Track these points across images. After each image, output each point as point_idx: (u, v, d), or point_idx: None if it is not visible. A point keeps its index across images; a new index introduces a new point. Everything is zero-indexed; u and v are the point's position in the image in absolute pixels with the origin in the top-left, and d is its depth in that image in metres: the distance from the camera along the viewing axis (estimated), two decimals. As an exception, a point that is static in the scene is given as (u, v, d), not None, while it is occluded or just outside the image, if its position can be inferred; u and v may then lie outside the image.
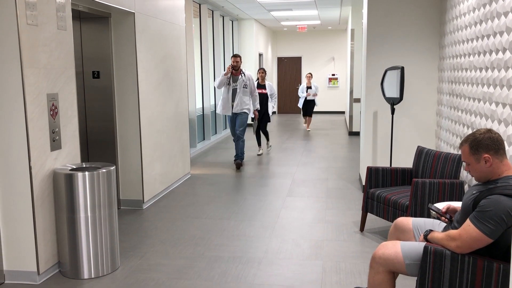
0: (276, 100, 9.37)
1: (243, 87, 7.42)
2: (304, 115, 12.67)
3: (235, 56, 7.40)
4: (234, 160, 7.57)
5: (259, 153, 8.68)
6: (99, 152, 5.13)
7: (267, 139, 9.10)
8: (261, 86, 8.57)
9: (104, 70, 4.99)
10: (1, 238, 3.39)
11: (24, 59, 3.19)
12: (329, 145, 9.75)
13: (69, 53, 3.74)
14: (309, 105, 12.37)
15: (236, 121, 7.51)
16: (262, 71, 8.72)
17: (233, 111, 7.47)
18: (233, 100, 7.42)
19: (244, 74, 7.44)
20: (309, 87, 12.34)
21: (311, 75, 12.59)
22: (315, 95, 12.36)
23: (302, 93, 12.42)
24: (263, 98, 8.49)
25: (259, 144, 8.76)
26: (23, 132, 3.25)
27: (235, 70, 7.35)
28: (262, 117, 8.52)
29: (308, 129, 12.22)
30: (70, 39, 3.74)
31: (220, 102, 7.52)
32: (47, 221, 3.48)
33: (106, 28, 4.93)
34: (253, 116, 8.01)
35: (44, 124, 3.43)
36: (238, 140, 7.52)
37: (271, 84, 9.00)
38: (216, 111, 7.41)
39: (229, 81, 7.37)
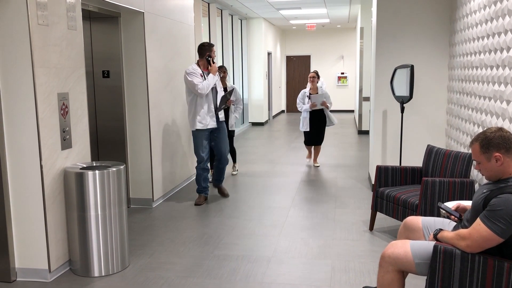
0: (241, 108, 6.60)
1: (221, 88, 5.52)
2: (308, 144, 7.49)
3: (212, 45, 5.29)
4: (216, 185, 5.77)
5: (234, 172, 6.97)
6: (109, 151, 5.16)
7: (234, 161, 7.04)
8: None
9: (114, 69, 5.02)
10: (13, 236, 3.42)
11: (35, 58, 3.22)
12: (338, 144, 9.73)
13: (79, 52, 3.76)
14: (318, 124, 7.29)
15: (218, 137, 5.42)
16: (223, 71, 6.30)
17: (219, 121, 5.39)
18: (216, 106, 5.34)
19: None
20: (312, 95, 7.17)
21: (317, 75, 7.33)
22: (324, 104, 7.14)
23: (302, 104, 7.27)
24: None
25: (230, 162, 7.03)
26: (34, 131, 3.28)
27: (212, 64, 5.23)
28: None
29: (316, 164, 7.48)
30: (80, 38, 3.77)
31: (196, 113, 5.17)
32: (58, 220, 3.52)
33: (115, 27, 4.96)
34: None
35: (55, 123, 3.46)
36: (221, 163, 5.61)
37: (235, 87, 6.50)
38: (194, 128, 5.22)
39: (204, 79, 5.15)
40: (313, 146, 7.51)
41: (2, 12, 3.18)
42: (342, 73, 17.11)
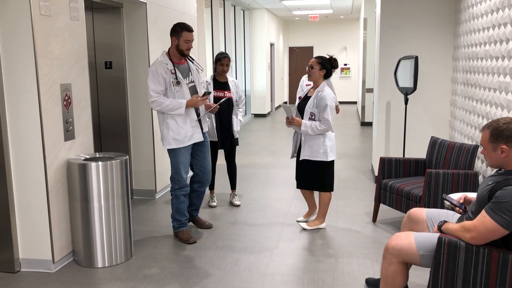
0: (244, 108, 4.99)
1: (203, 85, 4.14)
2: (298, 186, 4.24)
3: (187, 29, 3.76)
4: (193, 216, 4.37)
5: (213, 204, 4.98)
6: (112, 142, 5.16)
7: (234, 182, 5.08)
8: (221, 85, 4.72)
9: (116, 60, 5.00)
10: (17, 227, 3.43)
11: (37, 49, 3.21)
12: (341, 136, 9.71)
13: (82, 43, 3.75)
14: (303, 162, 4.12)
15: (201, 152, 4.05)
16: (227, 61, 4.69)
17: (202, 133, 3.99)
18: (197, 113, 3.92)
19: (194, 60, 4.03)
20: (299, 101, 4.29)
21: (322, 63, 4.59)
22: (293, 121, 4.04)
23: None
24: (226, 106, 4.70)
25: (212, 187, 5.07)
26: (37, 122, 3.27)
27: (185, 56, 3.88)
28: (225, 140, 4.80)
29: (304, 224, 4.27)
30: (82, 29, 3.75)
31: (168, 124, 3.80)
32: (61, 211, 3.52)
33: (118, 18, 4.94)
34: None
35: (58, 114, 3.45)
36: (203, 186, 4.19)
37: (237, 82, 4.91)
38: (169, 146, 3.83)
39: (175, 77, 3.76)
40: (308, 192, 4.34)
41: (5, 2, 3.16)
42: (345, 65, 17.04)
